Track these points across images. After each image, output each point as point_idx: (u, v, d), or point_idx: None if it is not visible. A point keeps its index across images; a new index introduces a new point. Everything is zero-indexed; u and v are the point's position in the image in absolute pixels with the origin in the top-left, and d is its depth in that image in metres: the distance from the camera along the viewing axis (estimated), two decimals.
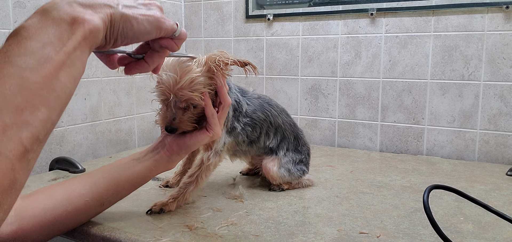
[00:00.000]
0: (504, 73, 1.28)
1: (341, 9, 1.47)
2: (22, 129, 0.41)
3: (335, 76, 1.52)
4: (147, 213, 0.87)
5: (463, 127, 1.36)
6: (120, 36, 0.56)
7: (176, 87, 0.79)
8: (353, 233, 0.78)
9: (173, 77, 0.79)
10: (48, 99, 0.44)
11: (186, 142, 0.82)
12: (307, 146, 1.07)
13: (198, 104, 0.81)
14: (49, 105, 0.44)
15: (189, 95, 0.79)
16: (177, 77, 0.79)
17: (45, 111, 0.44)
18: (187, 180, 0.91)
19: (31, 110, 0.42)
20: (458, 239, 0.76)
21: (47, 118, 0.44)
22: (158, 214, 0.87)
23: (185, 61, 0.81)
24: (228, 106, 0.85)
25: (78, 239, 0.83)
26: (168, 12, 1.68)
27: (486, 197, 0.99)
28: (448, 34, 1.34)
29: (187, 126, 0.82)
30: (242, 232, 0.78)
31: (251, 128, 0.97)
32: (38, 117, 0.43)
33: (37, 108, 0.43)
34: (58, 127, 1.28)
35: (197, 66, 0.80)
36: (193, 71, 0.79)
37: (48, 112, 0.44)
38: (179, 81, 0.78)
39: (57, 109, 0.45)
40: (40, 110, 0.43)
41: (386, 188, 1.05)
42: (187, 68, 0.79)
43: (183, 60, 0.81)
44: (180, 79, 0.78)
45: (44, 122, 0.43)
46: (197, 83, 0.79)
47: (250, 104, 0.97)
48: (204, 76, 0.80)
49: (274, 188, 1.03)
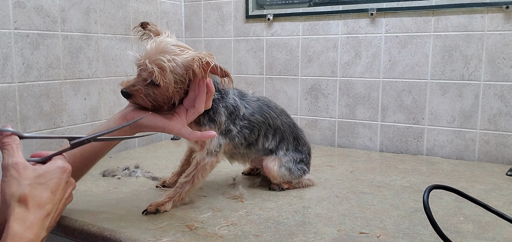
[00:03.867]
0: (504, 73, 1.28)
1: (341, 9, 1.47)
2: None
3: (335, 76, 1.52)
4: (143, 213, 0.87)
5: (463, 127, 1.36)
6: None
7: (148, 57, 0.79)
8: (353, 233, 0.78)
9: (152, 49, 0.79)
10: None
11: (142, 120, 0.81)
12: (307, 145, 1.07)
13: (160, 84, 0.79)
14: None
15: (152, 70, 0.78)
16: (154, 50, 0.79)
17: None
18: (183, 180, 0.91)
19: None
20: (458, 239, 0.76)
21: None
22: (155, 214, 0.87)
23: (177, 44, 0.81)
24: (198, 113, 0.84)
25: (78, 239, 0.83)
26: (168, 12, 1.68)
27: (486, 197, 0.99)
28: (448, 34, 1.34)
29: (142, 99, 0.81)
30: (242, 232, 0.78)
31: (249, 131, 0.97)
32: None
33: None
34: (58, 127, 1.28)
35: (181, 54, 0.80)
36: (172, 53, 0.79)
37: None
38: (153, 54, 0.79)
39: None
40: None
41: (386, 188, 1.05)
42: (169, 50, 0.80)
43: (176, 43, 0.81)
44: (155, 52, 0.79)
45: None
46: (168, 65, 0.78)
47: (248, 107, 0.97)
48: (181, 66, 0.80)
49: (274, 187, 1.03)
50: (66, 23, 1.28)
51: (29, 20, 1.17)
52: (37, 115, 1.22)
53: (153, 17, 1.60)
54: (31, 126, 1.20)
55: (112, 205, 0.94)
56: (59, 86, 1.27)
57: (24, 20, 1.16)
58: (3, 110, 1.13)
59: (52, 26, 1.24)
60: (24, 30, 1.17)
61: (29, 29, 1.18)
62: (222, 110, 0.92)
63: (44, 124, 1.24)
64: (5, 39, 1.12)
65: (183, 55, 0.81)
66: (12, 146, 0.63)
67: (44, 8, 1.21)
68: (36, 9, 1.19)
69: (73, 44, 1.30)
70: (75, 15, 1.30)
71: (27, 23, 1.17)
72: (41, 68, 1.22)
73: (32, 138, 0.68)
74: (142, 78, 0.81)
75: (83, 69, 1.34)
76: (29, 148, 1.20)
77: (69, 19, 1.28)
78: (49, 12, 1.23)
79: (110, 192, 1.03)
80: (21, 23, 1.16)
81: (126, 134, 0.83)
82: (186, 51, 0.82)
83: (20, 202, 0.59)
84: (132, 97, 0.82)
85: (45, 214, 0.61)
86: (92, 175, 1.15)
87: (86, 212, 0.89)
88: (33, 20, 1.18)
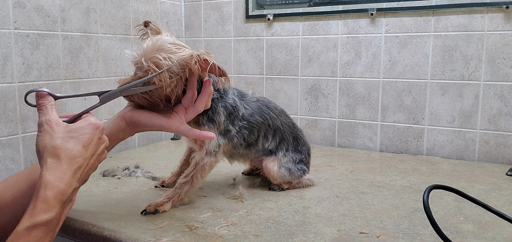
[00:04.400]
0: (504, 73, 1.28)
1: (341, 9, 1.47)
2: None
3: (335, 76, 1.52)
4: (142, 214, 0.87)
5: (463, 127, 1.36)
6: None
7: (144, 55, 0.79)
8: (353, 233, 0.78)
9: (148, 47, 0.80)
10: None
11: (140, 117, 0.82)
12: (307, 145, 1.07)
13: (155, 83, 0.79)
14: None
15: (148, 68, 0.78)
16: (150, 48, 0.79)
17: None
18: (182, 180, 0.91)
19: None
20: (458, 239, 0.76)
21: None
22: (154, 215, 0.87)
23: (174, 43, 0.81)
24: (197, 112, 0.85)
25: (78, 239, 0.84)
26: (168, 12, 1.68)
27: (486, 197, 0.99)
28: (448, 34, 1.34)
29: (138, 97, 0.81)
30: (242, 232, 0.78)
31: (248, 131, 0.97)
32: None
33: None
34: None
35: (177, 52, 0.80)
36: (168, 51, 0.79)
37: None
38: (149, 52, 0.79)
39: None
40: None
41: (386, 188, 1.05)
42: (165, 48, 0.80)
43: (173, 41, 0.81)
44: (151, 50, 0.79)
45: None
46: (164, 63, 0.78)
47: (248, 107, 0.97)
48: (177, 64, 0.79)
49: (274, 187, 1.03)
50: (66, 23, 1.28)
51: (29, 20, 1.17)
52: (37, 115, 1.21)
53: (153, 17, 1.60)
54: (31, 126, 1.20)
55: (112, 205, 0.94)
56: (59, 86, 1.27)
57: (24, 20, 1.16)
58: (3, 110, 1.13)
59: (52, 26, 1.24)
60: (24, 30, 1.17)
61: (29, 29, 1.18)
62: (221, 110, 0.92)
63: None
64: (5, 39, 1.12)
65: (180, 53, 0.80)
66: (46, 106, 0.67)
67: (44, 8, 1.21)
68: (36, 9, 1.19)
69: (73, 44, 1.30)
70: (75, 15, 1.30)
71: (27, 23, 1.17)
72: (41, 68, 1.22)
73: (65, 97, 0.75)
74: (138, 77, 0.81)
75: (83, 69, 1.34)
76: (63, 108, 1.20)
77: (69, 19, 1.28)
78: (49, 12, 1.23)
79: (110, 192, 1.03)
80: (21, 23, 1.16)
81: (126, 135, 0.83)
82: (183, 49, 0.81)
83: (52, 154, 0.62)
84: (129, 95, 0.82)
85: (76, 166, 0.63)
86: (92, 175, 1.15)
87: (86, 212, 0.89)
88: (33, 20, 1.18)
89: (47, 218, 0.58)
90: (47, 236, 0.59)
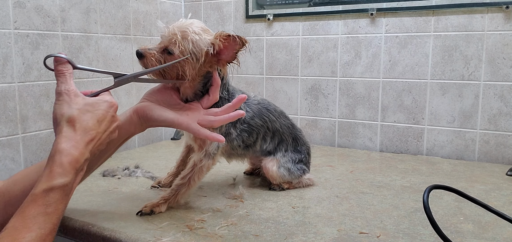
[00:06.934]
0: (504, 73, 1.28)
1: (341, 9, 1.47)
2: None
3: (335, 76, 1.52)
4: (137, 215, 0.86)
5: (463, 127, 1.36)
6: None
7: (174, 27, 0.84)
8: (353, 233, 0.78)
9: (179, 22, 0.86)
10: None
11: (152, 110, 0.83)
12: (306, 145, 1.07)
13: (174, 53, 0.83)
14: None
15: (174, 35, 0.83)
16: (180, 24, 0.85)
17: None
18: (179, 181, 0.91)
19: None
20: (458, 239, 0.76)
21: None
22: (150, 215, 0.86)
23: (203, 27, 0.87)
24: (214, 100, 0.89)
25: (78, 239, 0.84)
26: (168, 12, 1.68)
27: (486, 197, 0.99)
28: (448, 34, 1.34)
29: (152, 62, 0.84)
30: (242, 232, 0.78)
31: (248, 134, 0.97)
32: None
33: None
34: None
35: (204, 35, 0.85)
36: (197, 31, 0.84)
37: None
38: (179, 26, 0.84)
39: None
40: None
41: (386, 188, 1.05)
42: (195, 28, 0.85)
43: (202, 25, 0.87)
44: (181, 25, 0.85)
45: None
46: (192, 36, 0.83)
47: (249, 110, 0.97)
48: (201, 43, 0.84)
49: (274, 187, 1.03)
50: (66, 23, 1.28)
51: (29, 20, 1.17)
52: (37, 115, 1.22)
53: (153, 17, 1.60)
54: (31, 126, 1.20)
55: (112, 205, 0.94)
56: None
57: (24, 20, 1.16)
58: (3, 110, 1.13)
59: (52, 26, 1.24)
60: (24, 30, 1.17)
61: (29, 29, 1.18)
62: None
63: (44, 124, 1.24)
64: (5, 39, 1.12)
65: (206, 35, 0.86)
66: (65, 74, 0.70)
67: (44, 8, 1.21)
68: (36, 9, 1.19)
69: (73, 44, 1.30)
70: (75, 15, 1.30)
71: (27, 23, 1.17)
72: (41, 68, 1.22)
73: (83, 69, 0.78)
74: (160, 46, 0.85)
75: None
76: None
77: (69, 19, 1.28)
78: (49, 12, 1.23)
79: (110, 192, 1.03)
80: (21, 23, 1.16)
81: (136, 130, 0.85)
82: (209, 34, 0.87)
83: (68, 123, 0.65)
84: (144, 58, 0.85)
85: (89, 138, 0.66)
86: (92, 175, 1.14)
87: (86, 212, 0.89)
88: (33, 20, 1.18)
89: (64, 182, 0.61)
90: (63, 199, 0.61)
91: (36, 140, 1.22)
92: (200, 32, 0.85)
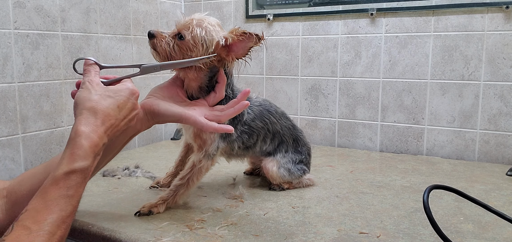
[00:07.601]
0: (504, 73, 1.28)
1: (341, 9, 1.47)
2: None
3: (335, 76, 1.52)
4: (136, 215, 0.86)
5: (463, 126, 1.36)
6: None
7: (192, 17, 0.86)
8: (353, 233, 0.78)
9: (198, 15, 0.87)
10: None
11: (159, 105, 0.82)
12: (307, 146, 1.07)
13: (185, 38, 0.84)
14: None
15: (189, 23, 0.84)
16: (198, 15, 0.87)
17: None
18: (178, 182, 0.90)
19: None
20: (458, 239, 0.76)
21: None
22: (148, 216, 0.86)
23: (219, 24, 0.88)
24: (220, 97, 0.89)
25: (78, 239, 0.84)
26: (168, 12, 1.68)
27: (486, 197, 0.99)
28: (448, 34, 1.34)
29: (161, 44, 0.85)
30: (242, 232, 0.78)
31: (248, 136, 0.97)
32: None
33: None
34: (58, 127, 1.28)
35: (218, 30, 0.86)
36: (209, 22, 0.86)
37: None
38: (197, 17, 0.86)
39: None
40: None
41: (386, 188, 1.05)
42: (211, 21, 0.86)
43: (218, 22, 0.89)
44: (199, 17, 0.86)
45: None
46: (206, 26, 0.84)
47: (250, 112, 0.97)
48: (214, 36, 0.84)
49: (275, 187, 1.03)
50: (66, 23, 1.28)
51: (29, 20, 1.17)
52: (37, 115, 1.22)
53: (153, 17, 1.60)
54: (31, 126, 1.20)
55: (112, 205, 0.94)
56: (59, 86, 1.27)
57: (24, 20, 1.16)
58: (3, 110, 1.13)
59: (52, 26, 1.24)
60: (24, 30, 1.17)
61: (29, 29, 1.18)
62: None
63: (44, 124, 1.24)
64: (5, 39, 1.12)
65: (220, 30, 0.87)
66: (91, 71, 0.73)
67: (44, 8, 1.21)
68: (36, 9, 1.19)
69: (73, 44, 1.30)
70: (75, 15, 1.30)
71: (27, 23, 1.17)
72: (41, 68, 1.22)
73: (109, 67, 0.79)
74: (174, 31, 0.86)
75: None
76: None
77: (69, 19, 1.28)
78: (49, 12, 1.23)
79: (110, 192, 1.03)
80: (21, 23, 1.16)
81: (143, 126, 0.84)
82: (223, 31, 0.88)
83: (89, 108, 0.66)
84: (154, 38, 0.86)
85: (109, 124, 0.68)
86: None
87: (86, 212, 0.89)
88: (33, 20, 1.18)
89: (85, 165, 0.62)
90: (83, 182, 0.62)
91: (36, 140, 1.22)
92: (215, 25, 0.87)
